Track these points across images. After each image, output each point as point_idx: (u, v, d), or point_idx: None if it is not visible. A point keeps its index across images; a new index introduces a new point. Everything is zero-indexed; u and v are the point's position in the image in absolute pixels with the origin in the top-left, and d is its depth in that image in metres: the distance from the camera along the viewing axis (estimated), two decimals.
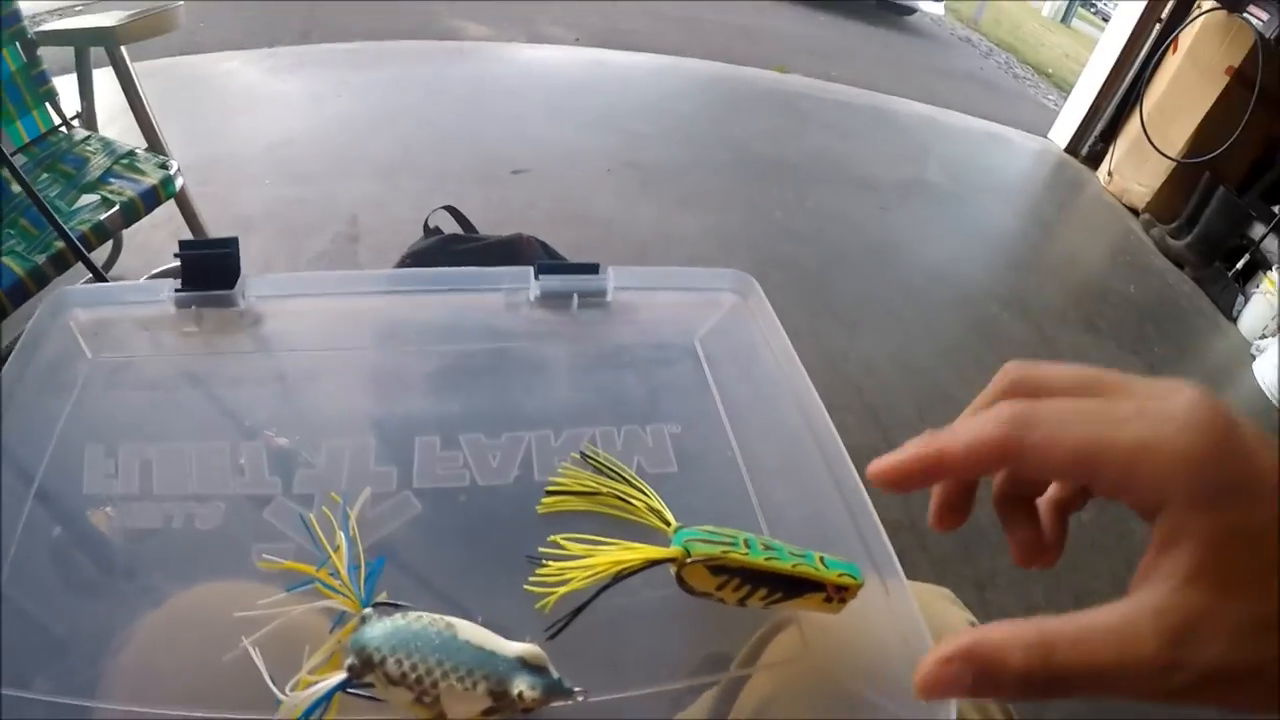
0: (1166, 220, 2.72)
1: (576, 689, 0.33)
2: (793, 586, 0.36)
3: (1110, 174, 3.03)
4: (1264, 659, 0.24)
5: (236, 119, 2.58)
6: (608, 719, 0.37)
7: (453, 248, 1.54)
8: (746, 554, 0.36)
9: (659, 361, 0.56)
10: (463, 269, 0.55)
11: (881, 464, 0.30)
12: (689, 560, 0.37)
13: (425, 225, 1.65)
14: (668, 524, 0.41)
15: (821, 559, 0.37)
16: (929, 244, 2.43)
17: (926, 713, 0.37)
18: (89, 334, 0.53)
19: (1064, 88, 5.14)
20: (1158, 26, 2.93)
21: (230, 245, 0.54)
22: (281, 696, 0.33)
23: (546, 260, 1.52)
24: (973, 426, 0.28)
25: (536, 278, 0.56)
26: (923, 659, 0.27)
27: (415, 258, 1.53)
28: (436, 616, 0.34)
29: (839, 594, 0.36)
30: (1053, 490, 0.34)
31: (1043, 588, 1.40)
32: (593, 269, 0.56)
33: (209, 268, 0.54)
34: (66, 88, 1.51)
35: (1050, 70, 6.09)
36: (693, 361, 0.55)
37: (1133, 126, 2.90)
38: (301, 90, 2.81)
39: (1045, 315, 2.17)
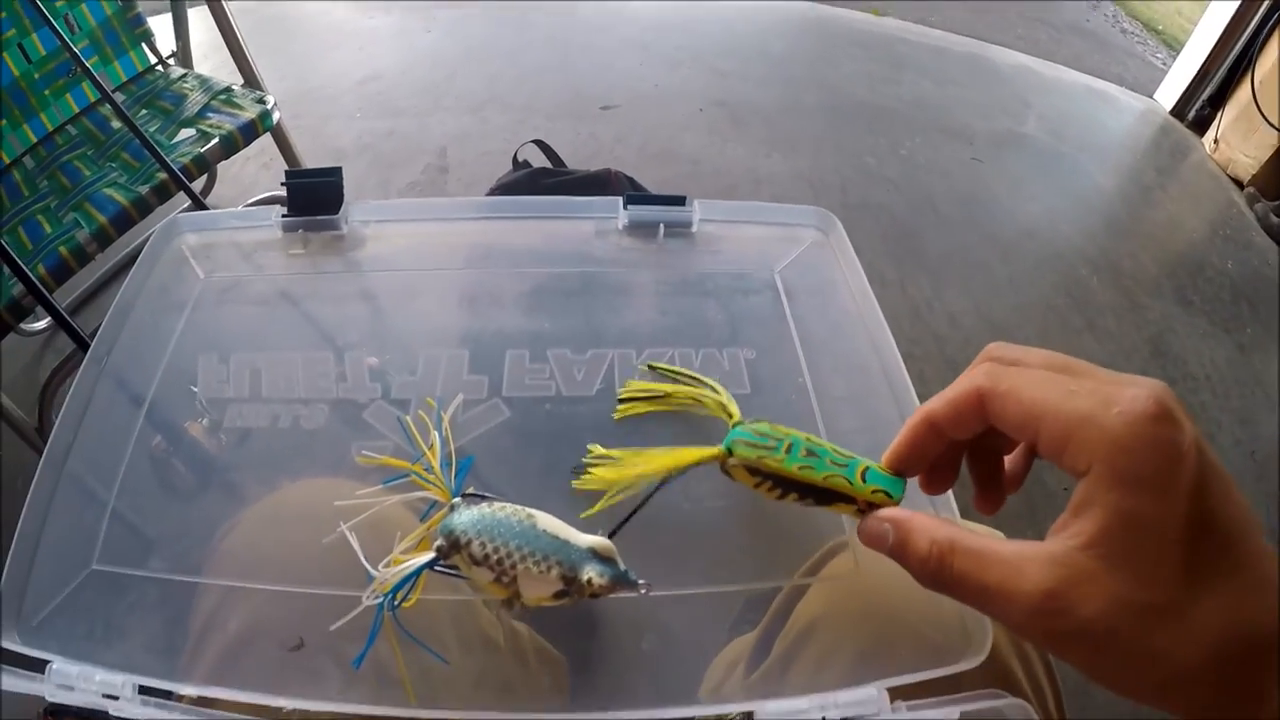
0: (1272, 196, 2.54)
1: (641, 581, 0.36)
2: (825, 496, 0.37)
3: (1216, 142, 2.83)
4: (1127, 634, 0.26)
5: (326, 55, 2.61)
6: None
7: (541, 181, 1.57)
8: (783, 461, 0.37)
9: (739, 291, 0.57)
10: (555, 198, 0.58)
11: (890, 452, 0.36)
12: (730, 461, 0.39)
13: (514, 158, 1.68)
14: (731, 416, 0.43)
15: (864, 472, 0.37)
16: (1021, 199, 2.35)
17: (964, 644, 0.39)
18: (200, 256, 0.58)
19: (1174, 46, 4.75)
20: None
21: (334, 174, 0.58)
22: (374, 573, 0.37)
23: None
24: (953, 386, 0.33)
25: (625, 207, 0.58)
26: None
27: (504, 190, 1.57)
28: (519, 507, 0.37)
29: (870, 509, 0.36)
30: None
31: None
32: (680, 200, 0.58)
33: (314, 195, 0.58)
34: (160, 26, 1.55)
35: (1160, 27, 5.64)
36: (771, 293, 0.57)
37: (1243, 94, 2.69)
38: (390, 26, 2.82)
39: (1137, 282, 2.08)
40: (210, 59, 1.75)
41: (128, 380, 0.50)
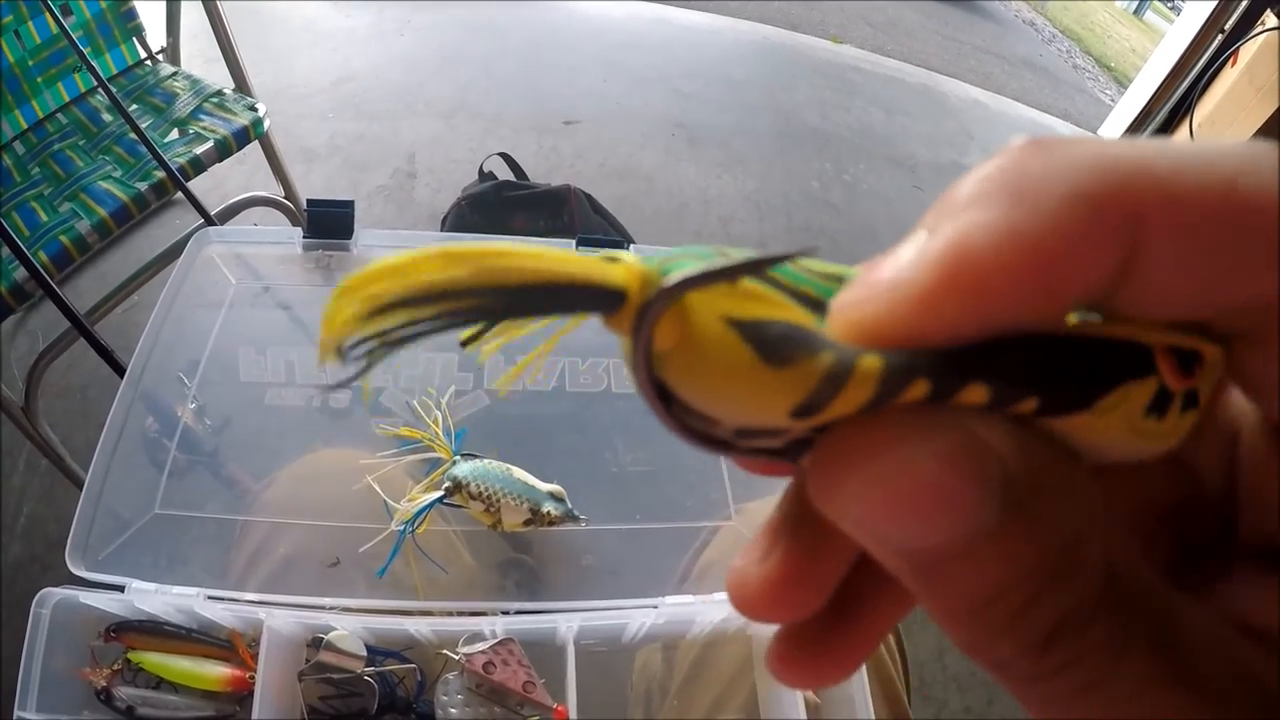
0: None
1: (582, 517, 0.52)
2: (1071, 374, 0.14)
3: None
4: None
5: (301, 53, 2.63)
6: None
7: (505, 194, 1.69)
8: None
9: None
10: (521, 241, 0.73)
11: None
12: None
13: (480, 170, 1.79)
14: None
15: None
16: None
17: None
18: (230, 264, 0.70)
19: (1124, 83, 4.92)
20: (1220, 37, 2.85)
21: (348, 206, 0.71)
22: (396, 507, 0.52)
23: (589, 213, 1.67)
24: None
25: (576, 249, 0.73)
26: None
27: (471, 201, 1.68)
28: (499, 462, 0.53)
29: (1184, 371, 0.14)
30: None
31: None
32: (620, 245, 0.74)
33: (331, 222, 0.71)
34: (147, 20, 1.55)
35: (1113, 64, 5.85)
36: None
37: (1183, 134, 2.82)
38: (365, 26, 2.85)
39: None
40: (185, 47, 1.71)
41: (181, 360, 0.63)
